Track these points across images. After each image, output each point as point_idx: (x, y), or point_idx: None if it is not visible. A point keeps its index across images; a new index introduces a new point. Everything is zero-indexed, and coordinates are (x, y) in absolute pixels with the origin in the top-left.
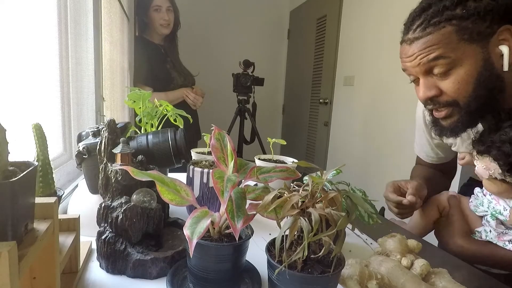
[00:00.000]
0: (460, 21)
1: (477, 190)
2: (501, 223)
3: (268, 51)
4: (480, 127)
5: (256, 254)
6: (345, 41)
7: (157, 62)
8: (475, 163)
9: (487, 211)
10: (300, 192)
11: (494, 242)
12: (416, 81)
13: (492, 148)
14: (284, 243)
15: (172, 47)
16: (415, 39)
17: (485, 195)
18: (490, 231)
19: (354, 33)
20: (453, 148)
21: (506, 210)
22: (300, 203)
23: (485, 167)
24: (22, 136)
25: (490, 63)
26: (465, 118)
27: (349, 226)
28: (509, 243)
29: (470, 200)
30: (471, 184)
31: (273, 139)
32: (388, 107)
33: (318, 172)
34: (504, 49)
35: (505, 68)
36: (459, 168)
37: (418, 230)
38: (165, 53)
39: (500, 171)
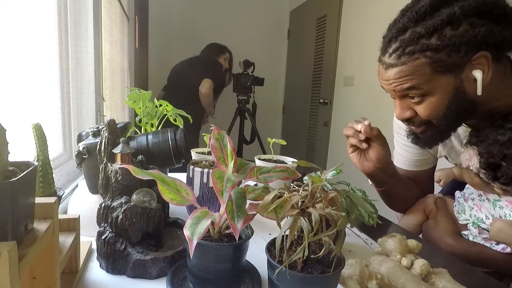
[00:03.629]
0: (434, 52)
1: (457, 194)
2: (484, 228)
3: (268, 51)
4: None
5: (256, 254)
6: (345, 41)
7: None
8: (462, 152)
9: (469, 220)
10: (300, 192)
11: (482, 243)
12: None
13: (482, 143)
14: (284, 243)
15: None
16: (390, 66)
17: (465, 201)
18: (476, 235)
19: (354, 33)
20: (437, 156)
21: (489, 218)
22: (300, 203)
23: (467, 157)
24: (22, 136)
25: (462, 91)
26: (436, 135)
27: (349, 225)
28: (496, 244)
29: (454, 204)
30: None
31: (273, 139)
32: (388, 107)
33: (318, 172)
34: (478, 74)
35: (479, 92)
36: (448, 163)
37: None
38: None
39: (478, 165)
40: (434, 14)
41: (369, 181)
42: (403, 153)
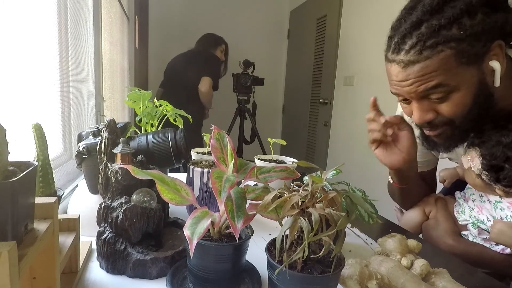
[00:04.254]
0: (458, 43)
1: (457, 195)
2: (484, 229)
3: (268, 51)
4: None
5: (256, 254)
6: (345, 41)
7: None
8: (463, 154)
9: (468, 220)
10: (300, 192)
11: (482, 243)
12: (405, 100)
13: (485, 145)
14: (284, 243)
15: None
16: (410, 63)
17: (466, 201)
18: (476, 235)
19: (354, 33)
20: (439, 157)
21: (490, 220)
22: (300, 203)
23: (469, 158)
24: (22, 136)
25: (485, 83)
26: (457, 135)
27: (349, 225)
28: (496, 245)
29: (454, 204)
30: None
31: (273, 139)
32: (388, 107)
33: (318, 172)
34: (495, 64)
35: (497, 84)
36: (450, 163)
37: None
38: None
39: (480, 167)
40: (449, 5)
41: (390, 179)
42: None
